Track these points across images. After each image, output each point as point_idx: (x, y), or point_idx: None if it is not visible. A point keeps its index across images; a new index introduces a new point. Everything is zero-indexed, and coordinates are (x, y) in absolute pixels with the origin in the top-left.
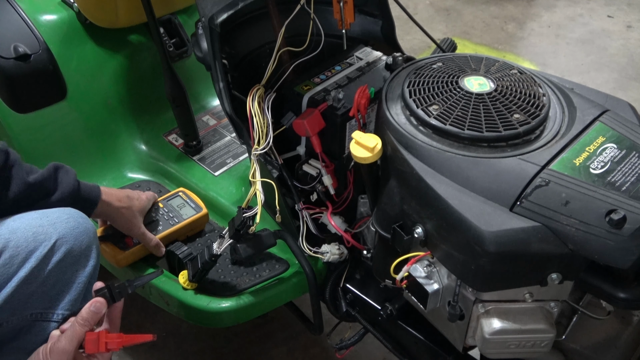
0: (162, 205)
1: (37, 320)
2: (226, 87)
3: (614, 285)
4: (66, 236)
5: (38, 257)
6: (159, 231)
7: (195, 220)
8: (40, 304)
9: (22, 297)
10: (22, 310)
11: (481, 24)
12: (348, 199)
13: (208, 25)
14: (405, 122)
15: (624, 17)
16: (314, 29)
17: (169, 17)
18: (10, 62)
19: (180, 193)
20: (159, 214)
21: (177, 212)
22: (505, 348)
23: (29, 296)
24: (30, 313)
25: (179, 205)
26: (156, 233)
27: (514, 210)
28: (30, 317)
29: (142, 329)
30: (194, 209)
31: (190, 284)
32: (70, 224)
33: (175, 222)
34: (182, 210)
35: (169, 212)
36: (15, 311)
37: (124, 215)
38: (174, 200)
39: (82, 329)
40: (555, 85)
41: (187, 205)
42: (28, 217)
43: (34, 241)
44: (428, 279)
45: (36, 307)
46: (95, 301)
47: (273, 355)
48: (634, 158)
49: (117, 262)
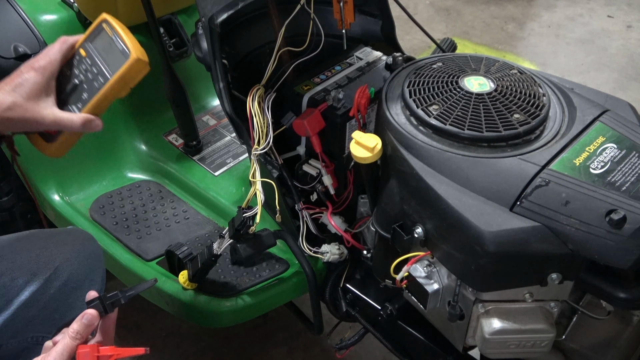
0: (85, 54)
1: (38, 343)
2: (226, 87)
3: (614, 285)
4: (70, 259)
5: (40, 281)
6: (84, 102)
7: (127, 72)
8: (42, 327)
9: (23, 320)
10: (23, 333)
11: (481, 24)
12: (348, 199)
13: (208, 25)
14: (405, 122)
15: (624, 17)
16: (314, 29)
17: (169, 17)
18: (10, 62)
19: (103, 24)
20: (80, 72)
21: (102, 63)
22: (505, 348)
23: (30, 319)
24: (32, 336)
25: (105, 49)
26: (82, 105)
27: (514, 210)
28: (31, 340)
29: (142, 329)
30: (121, 53)
31: (190, 284)
32: (76, 246)
33: (101, 82)
34: (108, 57)
35: (92, 66)
36: (16, 333)
37: (13, 119)
38: (100, 39)
39: (73, 342)
40: (555, 85)
41: (114, 47)
42: (32, 238)
43: (36, 264)
44: (428, 279)
45: (38, 330)
46: (87, 313)
47: (273, 355)
48: (634, 158)
49: (51, 155)
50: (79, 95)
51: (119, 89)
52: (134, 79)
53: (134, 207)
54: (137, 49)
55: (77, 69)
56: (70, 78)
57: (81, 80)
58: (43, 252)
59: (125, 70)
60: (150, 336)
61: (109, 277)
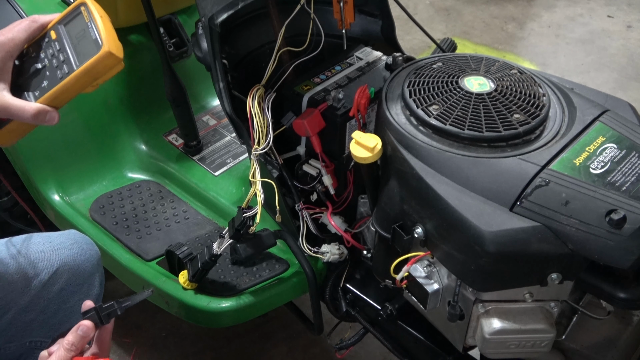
0: (55, 37)
1: (36, 348)
2: (226, 87)
3: (614, 285)
4: (69, 264)
5: (38, 285)
6: (43, 90)
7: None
8: (41, 332)
9: (21, 325)
10: (22, 338)
11: (481, 24)
12: (348, 199)
13: (208, 25)
14: (405, 122)
15: (624, 17)
16: (314, 29)
17: (169, 17)
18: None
19: (82, 7)
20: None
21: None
22: (505, 348)
23: (28, 324)
24: (30, 341)
25: (78, 35)
26: (40, 93)
27: (514, 210)
28: (29, 345)
29: (142, 329)
30: (94, 43)
31: (190, 284)
32: (74, 250)
33: (66, 71)
34: (79, 45)
35: (59, 52)
36: (14, 338)
37: None
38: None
39: (68, 354)
40: (555, 85)
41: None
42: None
43: (35, 268)
44: (428, 279)
45: (36, 335)
46: (82, 324)
47: (273, 355)
48: (634, 158)
49: None
50: (39, 82)
51: (85, 83)
52: (102, 75)
53: (134, 207)
54: (112, 42)
55: (43, 52)
56: (33, 62)
57: (44, 66)
58: (41, 256)
59: (93, 63)
60: (150, 336)
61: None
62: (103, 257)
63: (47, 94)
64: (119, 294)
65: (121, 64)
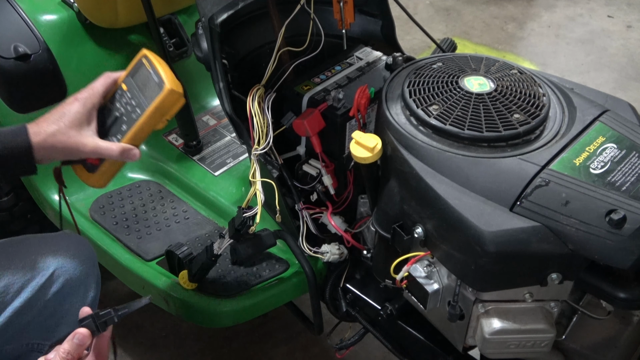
0: (126, 88)
1: (33, 350)
2: (226, 87)
3: (614, 285)
4: (65, 265)
5: (35, 287)
6: (123, 133)
7: (161, 103)
8: (37, 334)
9: (18, 327)
10: (18, 340)
11: (481, 24)
12: (348, 199)
13: (208, 25)
14: (405, 122)
15: (624, 17)
16: (314, 29)
17: (169, 17)
18: (10, 62)
19: (143, 59)
20: (121, 105)
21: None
22: (505, 348)
23: (25, 326)
24: (27, 343)
25: (143, 82)
26: (121, 136)
27: (514, 210)
28: (26, 347)
29: (142, 329)
30: (157, 85)
31: (190, 284)
32: (70, 251)
33: (139, 113)
34: (146, 90)
35: (131, 99)
36: (11, 340)
37: (56, 146)
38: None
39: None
40: (555, 85)
41: (151, 79)
42: (26, 243)
43: (31, 270)
44: (428, 279)
45: (32, 337)
46: (78, 332)
47: (273, 355)
48: (634, 158)
49: (92, 185)
50: (119, 127)
51: (156, 119)
52: (169, 110)
53: (134, 207)
54: (172, 81)
55: (118, 103)
56: (112, 111)
57: (121, 113)
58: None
59: (159, 101)
60: (150, 336)
61: (110, 277)
62: (103, 257)
63: (127, 135)
64: (118, 294)
65: (182, 99)
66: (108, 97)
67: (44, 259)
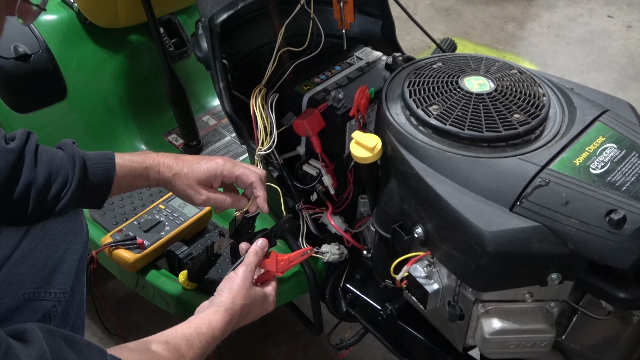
0: (164, 207)
1: (30, 299)
2: (226, 87)
3: (614, 285)
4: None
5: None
6: (166, 231)
7: (200, 218)
8: (33, 283)
9: (14, 279)
10: (15, 291)
11: (481, 24)
12: (348, 199)
13: (208, 25)
14: (405, 122)
15: (624, 17)
16: (314, 29)
17: (169, 17)
18: (10, 62)
19: None
20: (163, 215)
21: (180, 212)
22: (505, 348)
23: (20, 277)
24: (23, 293)
25: (180, 205)
26: (164, 234)
27: (514, 210)
28: (23, 297)
29: (142, 329)
30: (197, 207)
31: (190, 284)
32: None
33: (181, 221)
34: (184, 209)
35: (172, 212)
36: (8, 292)
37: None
38: (174, 200)
39: (255, 258)
40: (555, 85)
41: (188, 204)
42: None
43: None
44: (428, 279)
45: (29, 286)
46: (260, 240)
47: (273, 355)
48: (634, 158)
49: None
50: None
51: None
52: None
53: (134, 207)
54: None
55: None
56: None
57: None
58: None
59: (200, 215)
60: None
61: (110, 276)
62: (103, 257)
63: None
64: (118, 294)
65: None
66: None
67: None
